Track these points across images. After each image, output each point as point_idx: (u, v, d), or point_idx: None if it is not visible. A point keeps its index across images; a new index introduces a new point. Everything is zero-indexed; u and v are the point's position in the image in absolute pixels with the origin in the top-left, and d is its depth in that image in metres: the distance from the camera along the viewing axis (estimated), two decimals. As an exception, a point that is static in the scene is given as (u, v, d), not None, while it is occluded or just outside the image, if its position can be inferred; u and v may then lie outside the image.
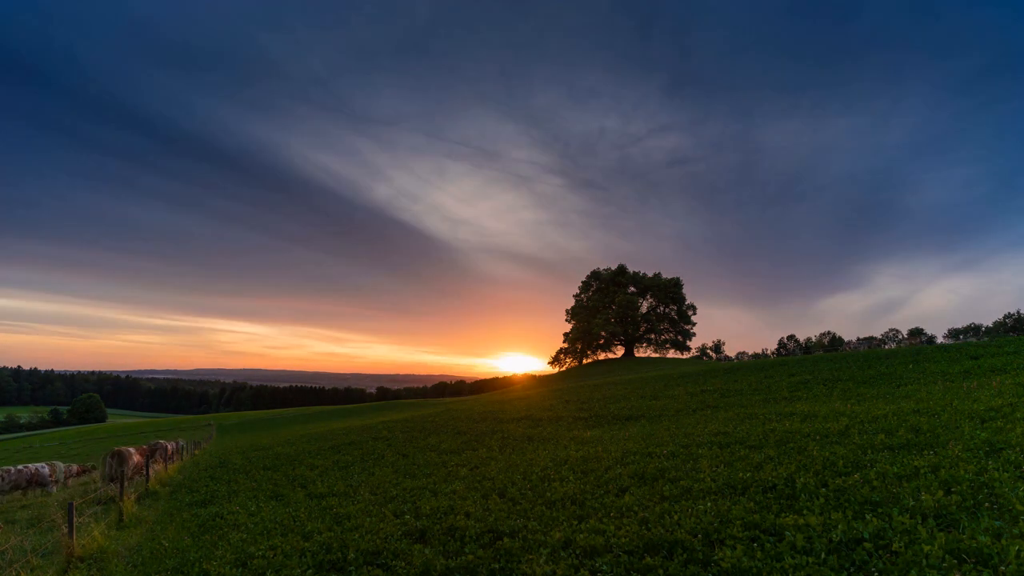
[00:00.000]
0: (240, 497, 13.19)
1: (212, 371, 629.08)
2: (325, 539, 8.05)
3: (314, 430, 33.59)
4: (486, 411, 26.76)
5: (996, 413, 10.19)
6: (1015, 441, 7.79)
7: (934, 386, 16.16)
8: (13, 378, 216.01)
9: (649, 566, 5.46)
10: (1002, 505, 5.55)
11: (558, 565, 5.80)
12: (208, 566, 7.52)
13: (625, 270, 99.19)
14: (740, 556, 5.25)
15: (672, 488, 8.24)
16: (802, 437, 10.44)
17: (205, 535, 9.74)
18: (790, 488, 7.25)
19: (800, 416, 13.37)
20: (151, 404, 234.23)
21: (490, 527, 7.55)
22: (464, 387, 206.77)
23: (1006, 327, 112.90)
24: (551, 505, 8.37)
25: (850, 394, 17.32)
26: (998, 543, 4.65)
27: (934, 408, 11.66)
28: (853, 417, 11.89)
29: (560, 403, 26.82)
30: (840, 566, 4.83)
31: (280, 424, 53.37)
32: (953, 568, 4.43)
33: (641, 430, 15.38)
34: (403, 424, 25.97)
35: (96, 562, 8.84)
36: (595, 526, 6.89)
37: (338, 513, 9.87)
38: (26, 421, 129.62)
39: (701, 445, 11.26)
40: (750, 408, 17.12)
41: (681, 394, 23.76)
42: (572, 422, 19.87)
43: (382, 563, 6.85)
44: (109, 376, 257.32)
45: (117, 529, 11.26)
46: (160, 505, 13.80)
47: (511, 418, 22.51)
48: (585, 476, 10.00)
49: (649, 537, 6.17)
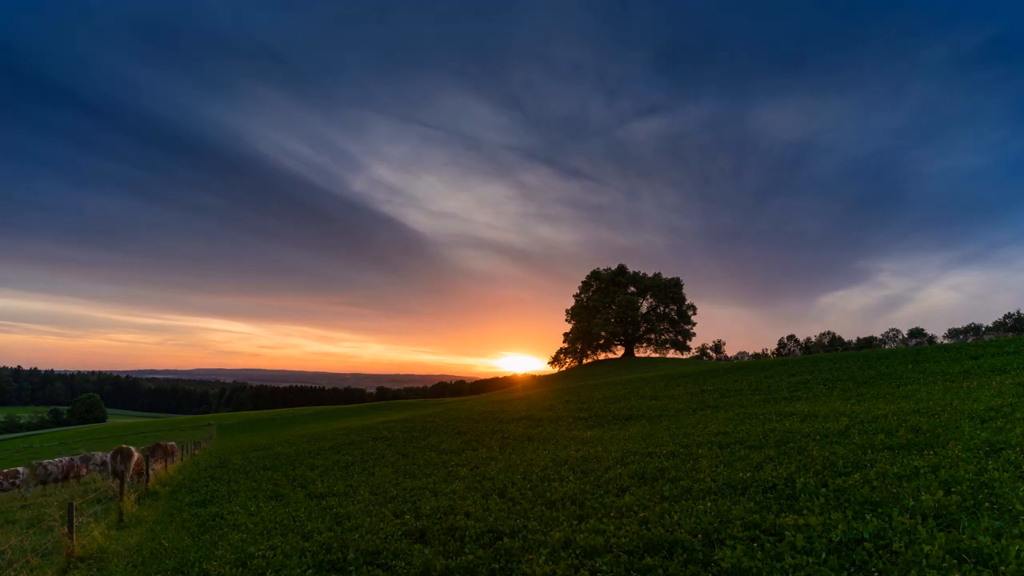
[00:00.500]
0: (240, 497, 13.19)
1: (212, 371, 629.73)
2: (325, 539, 8.04)
3: (314, 430, 33.59)
4: (486, 411, 26.76)
5: (996, 413, 10.19)
6: (1015, 441, 7.79)
7: (934, 386, 16.16)
8: (13, 378, 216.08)
9: (649, 566, 5.46)
10: (1002, 505, 5.55)
11: (558, 565, 5.79)
12: (208, 566, 7.52)
13: (625, 270, 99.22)
14: (740, 556, 5.25)
15: (672, 488, 8.23)
16: (802, 437, 10.44)
17: (205, 535, 9.73)
18: (790, 488, 7.25)
19: (800, 416, 13.38)
20: (151, 404, 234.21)
21: (490, 527, 7.55)
22: (464, 387, 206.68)
23: (1006, 327, 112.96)
24: (551, 505, 8.37)
25: (850, 394, 17.32)
26: (998, 543, 4.65)
27: (934, 408, 11.66)
28: (853, 417, 11.89)
29: (560, 403, 26.82)
30: (840, 566, 4.83)
31: (280, 424, 53.38)
32: (953, 568, 4.43)
33: (641, 430, 15.38)
34: (403, 424, 25.97)
35: (96, 562, 8.84)
36: (595, 526, 6.89)
37: (338, 513, 9.87)
38: (26, 421, 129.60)
39: (701, 445, 11.26)
40: (750, 408, 17.12)
41: (681, 394, 23.76)
42: (572, 422, 19.87)
43: (382, 563, 6.85)
44: (109, 376, 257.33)
45: (117, 529, 11.25)
46: (160, 505, 13.80)
47: (511, 418, 22.50)
48: (585, 476, 10.00)
49: (649, 537, 6.17)
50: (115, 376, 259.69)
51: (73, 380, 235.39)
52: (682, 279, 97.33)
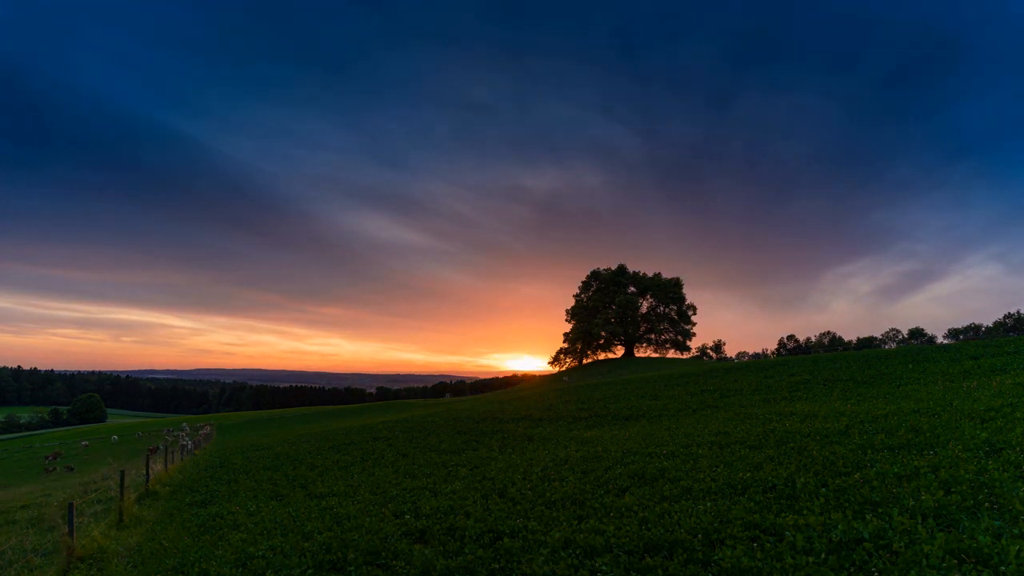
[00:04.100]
0: (240, 497, 13.19)
1: (212, 371, 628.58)
2: (325, 539, 8.04)
3: (314, 430, 33.58)
4: (486, 411, 26.76)
5: (996, 413, 10.19)
6: (1015, 441, 7.80)
7: (934, 386, 16.16)
8: (13, 378, 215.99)
9: (649, 566, 5.46)
10: (1002, 505, 5.55)
11: (558, 565, 5.79)
12: (208, 566, 7.51)
13: (625, 270, 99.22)
14: (740, 556, 5.25)
15: (672, 488, 8.24)
16: (802, 437, 10.44)
17: (205, 535, 9.73)
18: (790, 488, 7.25)
19: (800, 416, 13.38)
20: (151, 404, 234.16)
21: (490, 527, 7.55)
22: (464, 387, 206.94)
23: (1006, 327, 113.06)
24: (551, 505, 8.37)
25: (850, 394, 17.32)
26: (998, 543, 4.65)
27: (934, 408, 11.66)
28: (853, 417, 11.90)
29: (560, 403, 26.83)
30: (840, 566, 4.83)
31: (280, 424, 53.38)
32: (953, 568, 4.43)
33: (641, 430, 15.39)
34: (403, 424, 25.96)
35: (96, 562, 8.84)
36: (595, 526, 6.89)
37: (338, 513, 9.86)
38: (26, 421, 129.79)
39: (701, 445, 11.26)
40: (750, 408, 17.13)
41: (681, 394, 23.77)
42: (572, 422, 19.87)
43: (382, 563, 6.84)
44: (109, 376, 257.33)
45: (117, 529, 11.25)
46: (160, 505, 13.80)
47: (511, 418, 22.51)
48: (585, 476, 10.00)
49: (649, 537, 6.17)
50: (115, 376, 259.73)
51: (73, 380, 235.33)
52: (682, 280, 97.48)
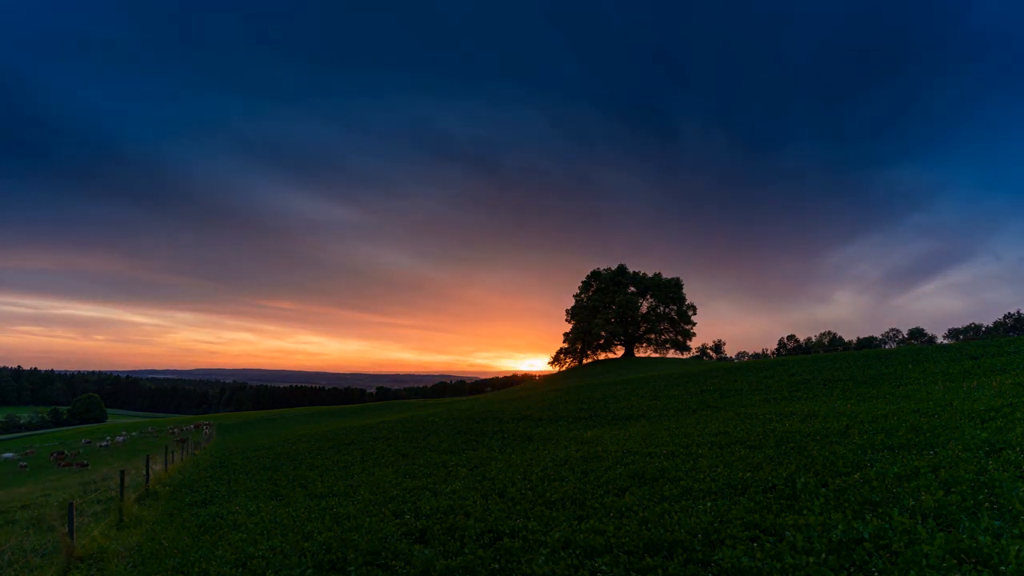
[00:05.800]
0: (240, 497, 13.19)
1: (212, 371, 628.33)
2: (325, 539, 8.04)
3: (314, 430, 33.58)
4: (486, 411, 26.76)
5: (996, 413, 10.19)
6: (1015, 441, 7.80)
7: (934, 386, 16.16)
8: (13, 378, 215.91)
9: (649, 566, 5.46)
10: (1002, 505, 5.55)
11: (558, 565, 5.79)
12: (208, 566, 7.51)
13: (625, 270, 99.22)
14: (740, 556, 5.25)
15: (672, 488, 8.23)
16: (802, 437, 10.44)
17: (205, 535, 9.73)
18: (790, 488, 7.26)
19: (800, 416, 13.38)
20: (151, 404, 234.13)
21: (490, 527, 7.54)
22: (464, 387, 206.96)
23: (1006, 327, 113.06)
24: (551, 505, 8.37)
25: (850, 394, 17.33)
26: (998, 543, 4.65)
27: (934, 408, 11.66)
28: (853, 417, 11.90)
29: (560, 403, 26.82)
30: (840, 566, 4.83)
31: (280, 424, 53.35)
32: (953, 568, 4.43)
33: (641, 430, 15.38)
34: (403, 424, 25.96)
35: (96, 562, 8.84)
36: (595, 526, 6.89)
37: (338, 513, 9.86)
38: (26, 421, 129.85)
39: (701, 445, 11.26)
40: (750, 408, 17.13)
41: (681, 394, 23.77)
42: (572, 422, 19.87)
43: (382, 563, 6.84)
44: (109, 376, 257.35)
45: (117, 529, 11.25)
46: (160, 505, 13.80)
47: (511, 418, 22.50)
48: (585, 476, 10.00)
49: (649, 537, 6.17)
50: (115, 376, 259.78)
51: (73, 380, 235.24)
52: (682, 280, 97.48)
